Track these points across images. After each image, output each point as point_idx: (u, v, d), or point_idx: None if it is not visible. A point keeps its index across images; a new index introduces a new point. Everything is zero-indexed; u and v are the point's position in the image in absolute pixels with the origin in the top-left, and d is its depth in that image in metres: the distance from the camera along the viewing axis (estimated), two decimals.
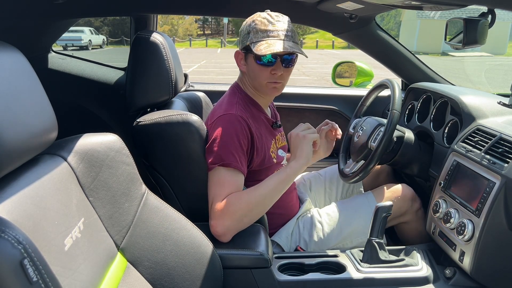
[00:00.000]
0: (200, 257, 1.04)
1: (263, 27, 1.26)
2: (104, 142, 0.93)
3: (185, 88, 1.80)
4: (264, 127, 1.38)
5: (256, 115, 1.36)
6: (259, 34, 1.26)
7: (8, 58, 0.70)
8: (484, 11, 1.22)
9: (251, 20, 1.29)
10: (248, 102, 1.36)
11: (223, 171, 1.21)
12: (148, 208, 1.01)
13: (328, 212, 1.50)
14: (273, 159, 1.38)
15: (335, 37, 2.08)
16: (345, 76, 2.92)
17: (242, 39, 1.31)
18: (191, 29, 39.48)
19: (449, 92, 1.55)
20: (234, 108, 1.29)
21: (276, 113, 1.55)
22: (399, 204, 1.49)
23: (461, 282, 1.22)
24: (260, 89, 1.35)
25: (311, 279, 1.21)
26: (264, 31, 1.25)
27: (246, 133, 1.26)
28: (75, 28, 17.83)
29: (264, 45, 1.23)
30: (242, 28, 1.32)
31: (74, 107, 2.06)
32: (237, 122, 1.24)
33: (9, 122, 0.64)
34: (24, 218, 0.66)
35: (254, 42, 1.26)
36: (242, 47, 1.31)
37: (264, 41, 1.24)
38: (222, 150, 1.21)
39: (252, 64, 1.30)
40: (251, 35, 1.27)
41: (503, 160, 1.15)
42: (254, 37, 1.26)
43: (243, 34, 1.30)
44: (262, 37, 1.25)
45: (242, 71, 1.37)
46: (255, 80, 1.33)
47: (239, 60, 1.36)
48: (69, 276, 0.71)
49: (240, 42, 1.33)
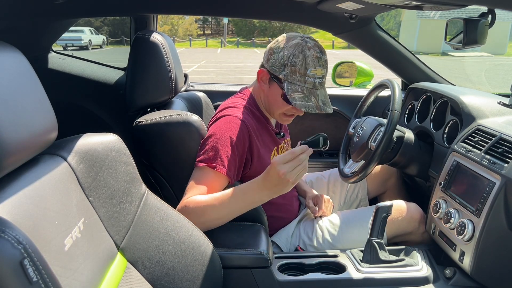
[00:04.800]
0: (200, 257, 1.04)
1: (302, 70, 1.21)
2: (104, 142, 0.93)
3: (185, 88, 1.80)
4: (268, 134, 1.36)
5: (261, 122, 1.34)
6: (296, 76, 1.21)
7: (8, 58, 0.70)
8: (484, 11, 1.22)
9: (291, 52, 1.21)
10: (255, 108, 1.34)
11: (209, 172, 1.18)
12: (148, 208, 1.01)
13: (331, 219, 1.48)
14: None
15: (335, 37, 2.08)
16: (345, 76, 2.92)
17: (273, 63, 1.24)
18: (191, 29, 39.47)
19: (449, 92, 1.55)
20: (240, 112, 1.26)
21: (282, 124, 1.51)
22: (405, 224, 1.46)
23: (461, 282, 1.22)
24: (272, 113, 1.35)
25: (311, 279, 1.21)
26: (302, 74, 1.21)
27: (244, 139, 1.23)
28: (75, 28, 17.83)
29: (300, 96, 1.21)
30: (277, 49, 1.24)
31: (74, 107, 2.05)
32: (238, 126, 1.22)
33: (9, 122, 0.64)
34: (24, 218, 0.66)
35: (289, 81, 1.22)
36: (272, 72, 1.26)
37: (300, 87, 1.21)
38: (213, 151, 1.19)
39: (275, 93, 1.28)
40: (286, 70, 1.22)
41: (503, 160, 1.15)
42: (290, 76, 1.22)
43: (277, 59, 1.24)
44: (298, 80, 1.21)
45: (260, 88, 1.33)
46: (271, 107, 1.32)
47: (261, 78, 1.30)
48: (69, 276, 0.71)
49: (268, 61, 1.26)
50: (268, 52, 1.28)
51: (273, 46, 1.28)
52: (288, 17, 1.32)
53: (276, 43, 1.27)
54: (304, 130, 2.23)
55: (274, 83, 1.27)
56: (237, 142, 1.21)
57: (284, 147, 1.46)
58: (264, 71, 1.29)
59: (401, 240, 1.50)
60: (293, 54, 1.22)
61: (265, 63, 1.28)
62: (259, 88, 1.35)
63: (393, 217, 1.44)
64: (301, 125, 2.23)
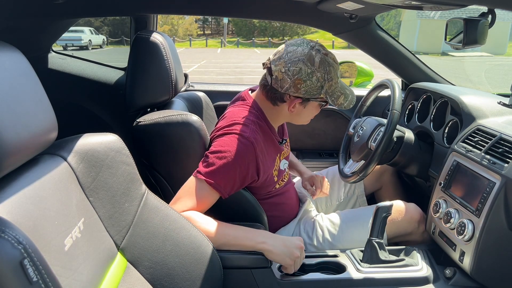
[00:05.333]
0: (200, 257, 1.04)
1: (335, 79, 1.25)
2: (104, 142, 0.93)
3: (185, 88, 1.80)
4: (272, 145, 1.35)
5: (267, 135, 1.32)
6: (333, 85, 1.25)
7: (8, 58, 0.70)
8: (484, 11, 1.21)
9: (321, 73, 1.21)
10: (263, 122, 1.31)
11: (205, 186, 1.17)
12: (148, 208, 1.01)
13: (331, 219, 1.48)
14: (274, 177, 1.35)
15: (335, 37, 2.08)
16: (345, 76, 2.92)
17: (308, 90, 1.22)
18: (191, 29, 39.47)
19: (449, 92, 1.55)
20: (249, 129, 1.24)
21: (284, 129, 1.50)
22: (405, 225, 1.46)
23: (461, 282, 1.22)
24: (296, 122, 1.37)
25: (311, 279, 1.21)
26: (336, 82, 1.26)
27: (251, 161, 1.21)
28: (75, 28, 17.82)
29: (342, 98, 1.27)
30: (306, 76, 1.20)
31: (74, 107, 2.05)
32: (246, 148, 1.20)
33: (9, 122, 0.64)
34: (24, 218, 0.66)
35: (330, 94, 1.26)
36: (310, 97, 1.24)
37: (338, 91, 1.26)
38: (215, 167, 1.17)
39: (312, 108, 1.31)
40: (325, 87, 1.23)
41: (503, 160, 1.15)
42: (329, 90, 1.25)
43: (312, 85, 1.21)
44: (335, 88, 1.26)
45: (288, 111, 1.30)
46: (302, 119, 1.34)
47: (292, 107, 1.27)
48: (69, 276, 0.71)
49: (300, 91, 1.22)
50: (293, 82, 1.21)
51: (297, 75, 1.20)
52: (288, 17, 1.31)
53: (297, 72, 1.20)
54: (304, 130, 2.23)
55: (311, 102, 1.28)
56: (242, 163, 1.19)
57: (286, 151, 1.46)
58: (295, 101, 1.26)
59: (401, 240, 1.50)
60: (325, 71, 1.22)
61: (295, 92, 1.23)
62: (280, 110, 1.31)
63: (393, 218, 1.44)
64: (301, 126, 2.23)
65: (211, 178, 1.17)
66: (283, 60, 1.21)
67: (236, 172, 1.19)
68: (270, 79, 1.25)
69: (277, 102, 1.29)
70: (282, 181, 1.42)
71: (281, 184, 1.41)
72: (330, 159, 2.21)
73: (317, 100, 1.27)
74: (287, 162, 1.47)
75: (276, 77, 1.23)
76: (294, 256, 1.14)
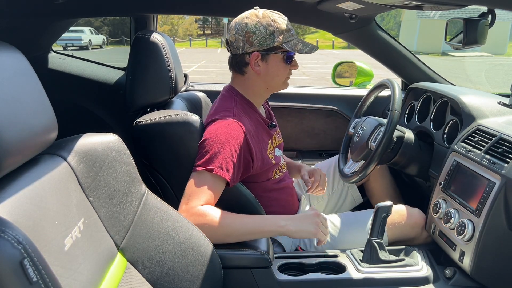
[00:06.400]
0: (200, 257, 1.04)
1: (284, 27, 1.28)
2: (104, 142, 0.93)
3: (185, 88, 1.80)
4: (261, 128, 1.37)
5: (253, 117, 1.35)
6: (285, 33, 1.27)
7: (8, 58, 0.70)
8: (484, 11, 1.22)
9: (266, 21, 1.26)
10: (244, 103, 1.34)
11: (207, 176, 1.17)
12: (148, 208, 1.01)
13: (331, 221, 1.48)
14: (271, 160, 1.37)
15: (335, 37, 2.08)
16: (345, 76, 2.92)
17: (260, 40, 1.26)
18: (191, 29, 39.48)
19: (449, 92, 1.55)
20: (232, 113, 1.27)
21: (270, 113, 1.53)
22: (408, 230, 1.45)
23: (461, 282, 1.22)
24: (275, 87, 1.36)
25: (311, 279, 1.21)
26: (287, 30, 1.28)
27: (241, 140, 1.23)
28: (75, 28, 17.81)
29: (300, 45, 1.29)
30: (255, 29, 1.25)
31: (74, 107, 2.06)
32: (233, 129, 1.22)
33: (9, 122, 0.64)
34: (24, 218, 0.66)
35: (286, 42, 1.28)
36: (265, 48, 1.27)
37: (296, 40, 1.29)
38: (211, 156, 1.18)
39: (275, 63, 1.30)
40: (276, 35, 1.26)
41: (503, 160, 1.15)
42: (284, 37, 1.27)
43: (262, 35, 1.26)
44: (289, 36, 1.29)
45: (255, 73, 1.31)
46: (274, 79, 1.33)
47: (254, 62, 1.29)
48: (69, 276, 0.71)
49: (254, 43, 1.26)
50: (245, 38, 1.27)
51: (244, 29, 1.26)
52: (288, 17, 1.31)
53: (244, 27, 1.26)
54: (304, 130, 2.23)
55: (271, 54, 1.29)
56: (234, 143, 1.20)
57: (277, 138, 1.46)
58: (254, 54, 1.29)
59: (404, 245, 1.49)
60: (271, 20, 1.27)
61: (249, 48, 1.27)
62: (249, 76, 1.33)
63: (396, 222, 1.44)
64: (301, 125, 2.23)
65: (209, 165, 1.17)
66: (232, 26, 1.31)
67: (231, 152, 1.19)
68: (228, 49, 1.33)
69: (242, 69, 1.32)
70: (281, 172, 1.42)
71: (279, 174, 1.41)
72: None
73: (277, 53, 1.28)
74: (281, 152, 1.47)
75: (231, 42, 1.30)
76: (315, 222, 1.18)
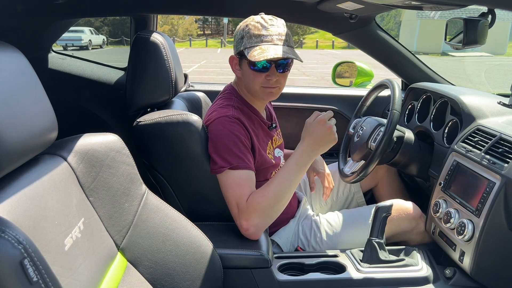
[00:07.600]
0: (200, 257, 1.04)
1: (256, 32, 1.23)
2: (104, 142, 0.93)
3: (185, 88, 1.80)
4: (261, 129, 1.38)
5: (252, 118, 1.35)
6: (252, 39, 1.23)
7: (8, 58, 0.70)
8: (484, 11, 1.22)
9: (245, 24, 1.27)
10: (244, 105, 1.35)
11: (235, 173, 1.20)
12: (148, 208, 1.01)
13: (329, 220, 1.48)
14: (271, 160, 1.37)
15: (335, 37, 2.08)
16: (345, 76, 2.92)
17: (236, 44, 1.29)
18: (191, 29, 39.45)
19: (449, 92, 1.55)
20: (230, 111, 1.28)
21: (272, 114, 1.53)
22: (404, 223, 1.46)
23: (461, 282, 1.22)
24: (255, 94, 1.34)
25: (311, 279, 1.21)
26: (257, 36, 1.23)
27: (244, 133, 1.26)
28: (75, 28, 17.80)
29: (258, 51, 1.21)
30: (236, 33, 1.30)
31: (74, 107, 2.05)
32: (234, 124, 1.24)
33: (9, 122, 0.64)
34: (24, 218, 0.66)
35: (248, 47, 1.23)
36: (236, 52, 1.29)
37: (258, 46, 1.22)
38: (227, 153, 1.20)
39: (246, 69, 1.28)
40: (244, 40, 1.25)
41: (503, 160, 1.15)
42: (248, 42, 1.23)
43: (237, 39, 1.28)
44: (255, 42, 1.23)
45: (237, 76, 1.36)
46: (249, 85, 1.31)
47: (234, 65, 1.33)
48: (69, 276, 0.71)
49: (234, 47, 1.31)
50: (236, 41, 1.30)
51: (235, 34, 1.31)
52: (288, 17, 1.32)
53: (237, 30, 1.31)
54: None
55: (243, 61, 1.29)
56: (242, 136, 1.24)
57: (277, 139, 1.47)
58: (233, 56, 1.32)
59: (400, 239, 1.50)
60: (246, 24, 1.27)
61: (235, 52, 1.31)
62: (237, 79, 1.37)
63: (392, 216, 1.44)
64: (301, 125, 2.22)
65: (231, 164, 1.20)
66: None
67: (243, 142, 1.23)
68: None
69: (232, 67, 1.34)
70: None
71: None
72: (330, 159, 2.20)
73: (242, 57, 1.28)
74: (282, 153, 1.47)
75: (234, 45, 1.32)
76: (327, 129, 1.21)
